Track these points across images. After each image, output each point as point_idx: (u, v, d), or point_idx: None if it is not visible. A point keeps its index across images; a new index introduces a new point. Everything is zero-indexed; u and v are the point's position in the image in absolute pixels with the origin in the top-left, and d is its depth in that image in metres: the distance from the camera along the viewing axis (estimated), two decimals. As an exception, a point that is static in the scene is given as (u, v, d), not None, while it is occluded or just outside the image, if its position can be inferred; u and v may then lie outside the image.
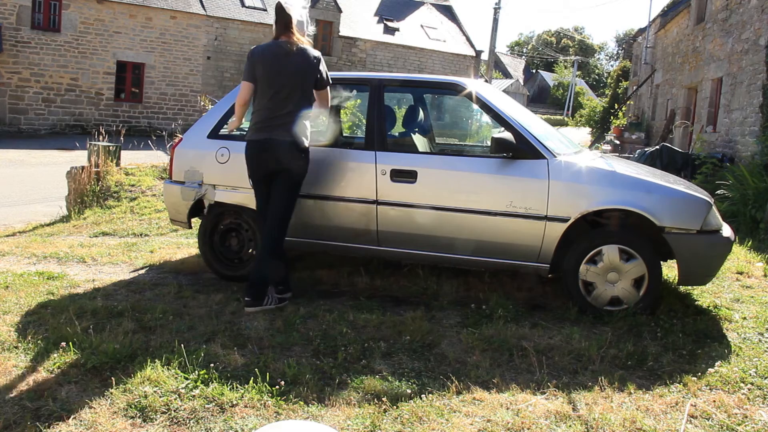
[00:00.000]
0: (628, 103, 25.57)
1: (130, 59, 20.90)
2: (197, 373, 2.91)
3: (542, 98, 60.42)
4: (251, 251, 4.60)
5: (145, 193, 8.31)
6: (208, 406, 2.67)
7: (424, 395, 2.81)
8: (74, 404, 2.66)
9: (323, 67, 4.02)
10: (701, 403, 2.81)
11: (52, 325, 3.55)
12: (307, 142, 4.00)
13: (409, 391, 2.84)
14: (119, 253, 5.55)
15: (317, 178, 4.39)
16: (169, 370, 2.96)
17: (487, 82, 18.08)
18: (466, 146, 8.30)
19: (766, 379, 3.08)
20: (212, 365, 3.00)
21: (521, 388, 2.92)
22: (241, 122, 4.16)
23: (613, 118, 25.00)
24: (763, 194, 7.20)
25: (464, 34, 29.45)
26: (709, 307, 4.14)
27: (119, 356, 3.08)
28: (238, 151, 4.52)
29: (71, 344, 3.17)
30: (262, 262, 3.98)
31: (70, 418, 2.56)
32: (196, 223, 4.86)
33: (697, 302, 4.24)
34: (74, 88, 20.09)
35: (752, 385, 3.00)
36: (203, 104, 11.41)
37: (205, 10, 21.99)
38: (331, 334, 3.50)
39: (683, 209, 3.81)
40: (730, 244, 3.95)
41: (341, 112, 5.79)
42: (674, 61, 17.02)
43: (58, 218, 7.83)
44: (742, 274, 4.99)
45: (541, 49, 71.20)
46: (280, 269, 4.00)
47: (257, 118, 3.98)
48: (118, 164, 8.78)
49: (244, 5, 23.08)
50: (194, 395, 2.74)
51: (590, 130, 30.48)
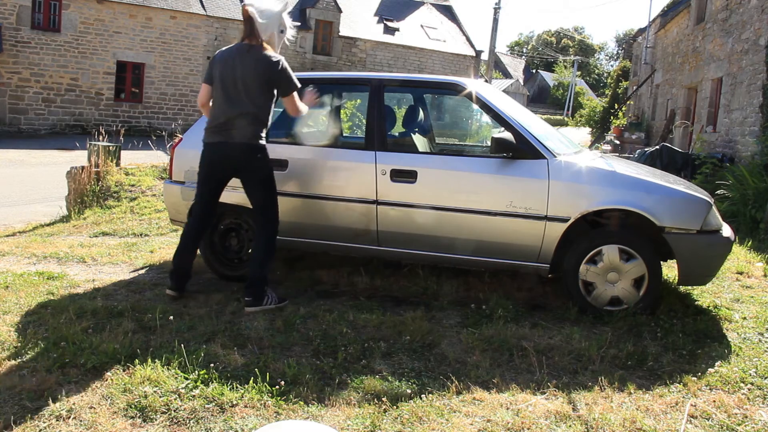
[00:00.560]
0: (628, 103, 25.57)
1: (130, 59, 20.90)
2: (197, 373, 2.91)
3: (542, 98, 60.44)
4: (251, 251, 4.60)
5: (145, 193, 8.31)
6: (208, 406, 2.67)
7: (424, 395, 2.81)
8: (74, 404, 2.66)
9: (285, 73, 3.88)
10: (701, 403, 2.81)
11: (52, 325, 3.55)
12: (262, 141, 3.97)
13: (409, 391, 2.84)
14: (119, 253, 5.55)
15: (317, 178, 4.39)
16: (169, 370, 2.96)
17: (487, 82, 18.08)
18: (466, 146, 8.31)
19: (766, 379, 3.08)
20: (212, 365, 3.00)
21: (521, 388, 2.92)
22: None
23: (613, 118, 25.01)
24: (763, 194, 7.20)
25: (464, 34, 29.46)
26: (709, 307, 4.14)
27: (119, 356, 3.08)
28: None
29: (71, 344, 3.17)
30: (259, 261, 3.97)
31: (70, 418, 2.56)
32: (196, 223, 4.85)
33: (697, 302, 4.24)
34: (74, 88, 20.09)
35: (752, 385, 3.00)
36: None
37: (205, 10, 22.00)
38: (331, 334, 3.50)
39: (683, 209, 3.81)
40: (730, 244, 3.95)
41: (341, 112, 5.79)
42: (674, 61, 17.02)
43: (58, 218, 7.84)
44: (742, 274, 4.99)
45: (541, 49, 71.22)
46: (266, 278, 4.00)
47: (212, 120, 3.99)
48: (118, 164, 8.78)
49: (244, 5, 23.07)
50: (194, 395, 2.74)
51: (590, 130, 30.50)
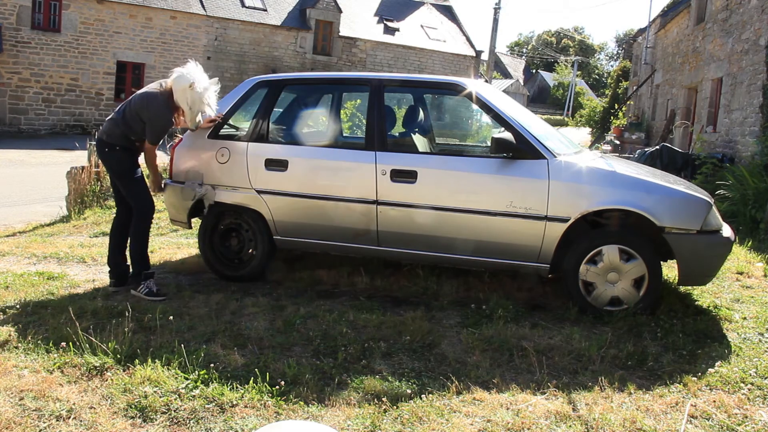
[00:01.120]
0: (628, 103, 25.57)
1: (130, 59, 20.89)
2: (197, 373, 2.91)
3: (542, 98, 60.42)
4: (251, 251, 4.60)
5: (145, 193, 8.29)
6: (208, 406, 2.67)
7: (424, 395, 2.81)
8: (74, 404, 2.66)
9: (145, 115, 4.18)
10: (701, 403, 2.81)
11: (52, 325, 3.55)
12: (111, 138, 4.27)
13: (409, 391, 2.84)
14: (119, 253, 5.54)
15: (317, 178, 4.39)
16: (169, 370, 2.96)
17: (487, 82, 18.08)
18: (466, 146, 8.31)
19: (766, 379, 3.08)
20: (212, 365, 3.00)
21: (521, 388, 2.92)
22: None
23: (613, 118, 25.00)
24: (763, 194, 7.20)
25: (464, 34, 29.45)
26: (709, 307, 4.14)
27: (119, 356, 3.08)
28: (238, 151, 4.53)
29: (71, 344, 3.17)
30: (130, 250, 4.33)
31: (70, 418, 2.56)
32: (196, 223, 4.86)
33: (697, 302, 4.24)
34: (74, 88, 20.09)
35: (752, 385, 3.00)
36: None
37: (205, 10, 21.99)
38: (331, 334, 3.50)
39: (683, 209, 3.80)
40: (730, 244, 3.95)
41: (341, 112, 5.79)
42: (674, 61, 17.02)
43: (58, 218, 7.84)
44: (742, 274, 4.99)
45: (541, 49, 71.20)
46: (142, 262, 4.30)
47: None
48: (118, 164, 8.77)
49: (244, 5, 23.08)
50: (194, 395, 2.74)
51: (590, 130, 30.49)
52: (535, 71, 68.57)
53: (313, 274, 4.75)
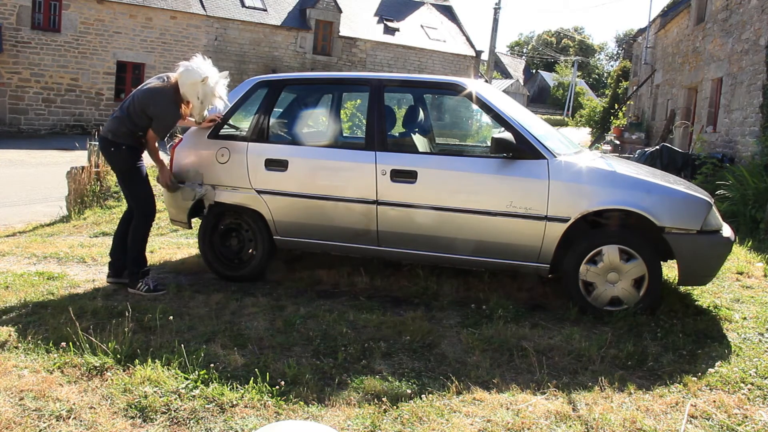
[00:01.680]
0: (628, 103, 25.57)
1: (130, 59, 20.89)
2: (197, 373, 2.91)
3: (542, 98, 60.41)
4: (251, 251, 4.61)
5: (145, 193, 8.30)
6: (208, 406, 2.67)
7: (424, 395, 2.81)
8: (74, 404, 2.66)
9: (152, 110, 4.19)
10: (701, 403, 2.81)
11: (52, 325, 3.55)
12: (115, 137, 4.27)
13: (409, 391, 2.84)
14: (119, 253, 5.54)
15: (317, 178, 4.39)
16: (169, 370, 2.96)
17: (487, 82, 18.08)
18: (466, 146, 8.31)
19: (766, 379, 3.07)
20: (212, 365, 3.00)
21: (521, 388, 2.92)
22: None
23: (613, 118, 25.00)
24: (763, 194, 7.20)
25: (464, 34, 29.45)
26: (709, 307, 4.14)
27: (119, 356, 3.08)
28: (238, 151, 4.53)
29: (71, 344, 3.17)
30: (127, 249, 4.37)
31: (70, 418, 2.56)
32: (196, 223, 4.86)
33: (697, 302, 4.24)
34: (74, 88, 20.09)
35: (752, 385, 3.00)
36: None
37: (205, 10, 21.99)
38: (331, 334, 3.50)
39: (683, 209, 3.80)
40: (730, 244, 3.95)
41: (341, 112, 5.79)
42: (674, 61, 17.02)
43: (58, 218, 7.84)
44: (742, 274, 4.99)
45: (541, 49, 71.20)
46: (139, 261, 4.36)
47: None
48: (118, 164, 8.77)
49: (244, 5, 23.08)
50: (194, 395, 2.74)
51: (590, 130, 30.49)
52: (535, 71, 68.57)
53: (313, 274, 4.75)
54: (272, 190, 4.45)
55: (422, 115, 5.30)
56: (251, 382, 2.85)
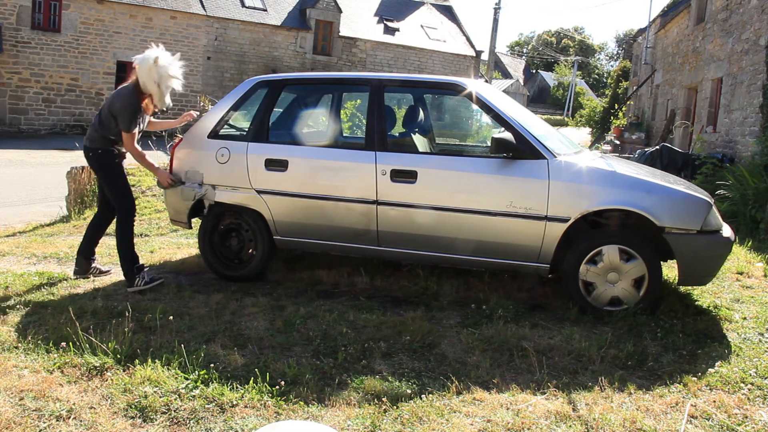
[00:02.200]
0: (628, 103, 25.57)
1: (130, 59, 20.74)
2: (197, 373, 2.91)
3: (542, 98, 60.41)
4: (251, 251, 4.60)
5: (145, 193, 8.31)
6: (208, 406, 2.67)
7: (424, 395, 2.81)
8: (74, 404, 2.66)
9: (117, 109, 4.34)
10: (701, 403, 2.81)
11: (52, 325, 3.55)
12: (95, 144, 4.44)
13: (409, 391, 2.84)
14: (119, 253, 5.54)
15: (317, 178, 4.39)
16: (169, 370, 2.96)
17: (487, 82, 18.08)
18: (466, 146, 8.31)
19: (766, 379, 3.07)
20: (212, 365, 3.00)
21: (521, 388, 2.92)
22: None
23: (613, 118, 25.00)
24: (763, 194, 7.20)
25: (464, 34, 29.46)
26: (709, 307, 4.14)
27: (119, 356, 3.08)
28: (238, 151, 4.53)
29: (71, 344, 3.17)
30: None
31: (70, 418, 2.56)
32: (196, 223, 4.86)
33: (697, 302, 4.24)
34: (74, 88, 20.10)
35: (752, 385, 3.00)
36: (203, 105, 11.41)
37: (205, 10, 21.99)
38: (331, 334, 3.50)
39: (683, 209, 3.80)
40: (730, 244, 3.95)
41: (341, 112, 5.79)
42: (674, 61, 17.02)
43: (58, 218, 7.84)
44: (742, 274, 4.99)
45: (541, 49, 71.19)
46: (131, 259, 4.44)
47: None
48: (118, 164, 8.76)
49: (244, 5, 23.09)
50: (194, 395, 2.74)
51: (590, 130, 30.48)
52: (535, 71, 68.56)
53: (313, 274, 4.75)
54: (272, 190, 4.45)
55: (422, 115, 5.31)
56: (251, 382, 2.86)
